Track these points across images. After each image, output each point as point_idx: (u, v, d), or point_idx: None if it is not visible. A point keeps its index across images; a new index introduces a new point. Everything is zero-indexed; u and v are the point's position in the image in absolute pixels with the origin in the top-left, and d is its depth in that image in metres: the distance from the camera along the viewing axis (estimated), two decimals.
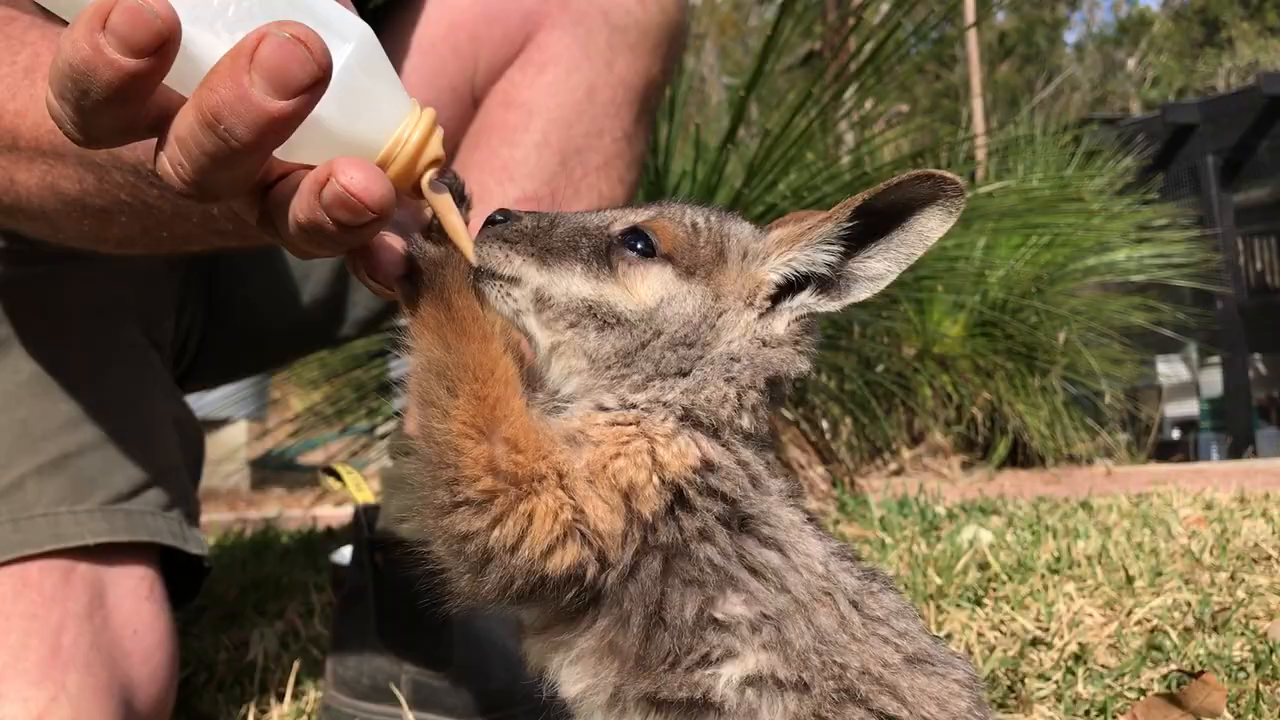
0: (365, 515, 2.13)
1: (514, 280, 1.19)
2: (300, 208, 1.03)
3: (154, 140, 1.04)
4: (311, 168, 1.04)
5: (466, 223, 1.15)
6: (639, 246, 1.22)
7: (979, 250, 7.34)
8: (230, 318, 2.37)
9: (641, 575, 1.11)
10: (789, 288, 1.24)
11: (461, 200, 1.14)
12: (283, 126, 0.96)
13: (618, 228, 1.23)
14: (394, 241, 1.13)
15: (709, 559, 1.12)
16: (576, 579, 1.10)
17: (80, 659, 1.75)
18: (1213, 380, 13.62)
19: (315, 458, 9.61)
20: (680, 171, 4.67)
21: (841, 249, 1.22)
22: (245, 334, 2.41)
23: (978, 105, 10.70)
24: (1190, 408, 13.59)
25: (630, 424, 1.15)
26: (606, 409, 1.17)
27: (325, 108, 1.00)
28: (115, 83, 0.94)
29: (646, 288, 1.20)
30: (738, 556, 1.13)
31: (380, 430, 5.89)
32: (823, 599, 1.14)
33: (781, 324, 1.24)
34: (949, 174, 1.15)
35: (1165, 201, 9.48)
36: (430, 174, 1.09)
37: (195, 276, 2.29)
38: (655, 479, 1.12)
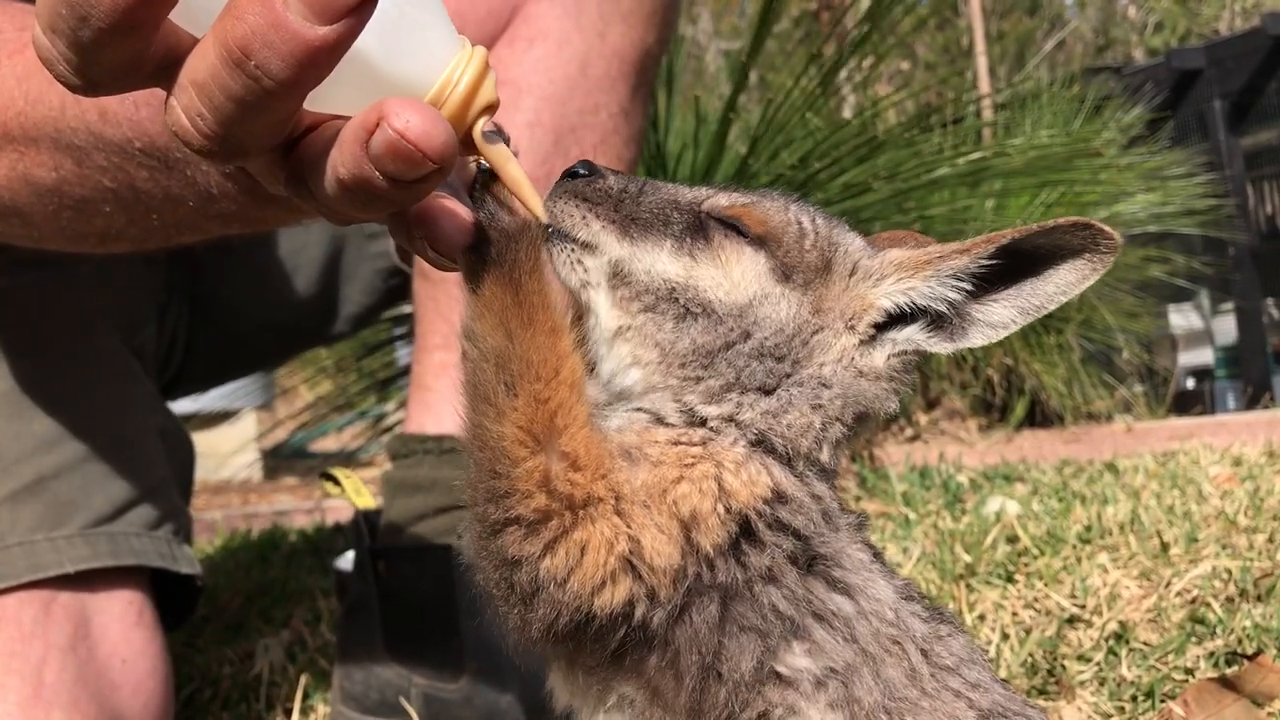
0: (366, 521, 2.04)
1: (589, 247, 1.06)
2: (342, 161, 0.88)
3: (143, 111, 0.90)
4: (342, 118, 0.90)
5: None
6: (735, 229, 1.09)
7: (989, 210, 7.20)
8: (215, 319, 2.27)
9: (695, 619, 0.99)
10: (897, 317, 1.12)
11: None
12: (325, 59, 0.82)
13: (713, 204, 1.11)
14: (456, 206, 0.97)
15: (773, 605, 1.00)
16: (624, 618, 0.98)
17: (64, 696, 1.66)
18: (1226, 327, 13.43)
19: (327, 444, 9.55)
20: (680, 144, 4.53)
21: (970, 287, 1.10)
22: (232, 335, 2.31)
23: (982, 63, 10.51)
24: (1204, 356, 13.40)
25: (696, 444, 1.03)
26: (668, 424, 1.05)
27: (366, 40, 0.85)
28: (121, 5, 0.81)
29: (741, 273, 1.07)
30: (805, 602, 1.01)
31: (391, 419, 5.80)
32: (891, 649, 1.02)
33: (882, 356, 1.11)
34: (1107, 228, 1.02)
35: (1174, 149, 9.30)
36: (483, 123, 0.95)
37: (177, 277, 2.18)
38: (720, 507, 0.99)
